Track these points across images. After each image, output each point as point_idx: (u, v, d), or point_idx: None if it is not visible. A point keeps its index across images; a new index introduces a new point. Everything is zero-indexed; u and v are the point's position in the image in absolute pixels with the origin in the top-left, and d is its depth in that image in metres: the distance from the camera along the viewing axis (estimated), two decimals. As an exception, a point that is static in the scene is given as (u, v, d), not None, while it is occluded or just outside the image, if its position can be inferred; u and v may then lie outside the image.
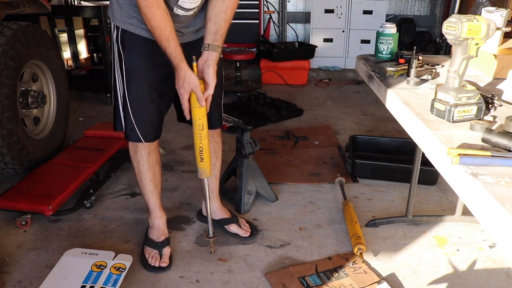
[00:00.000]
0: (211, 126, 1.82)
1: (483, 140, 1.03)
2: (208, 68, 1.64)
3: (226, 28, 1.65)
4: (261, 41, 4.95)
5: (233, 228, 2.06)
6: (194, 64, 1.62)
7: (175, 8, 1.60)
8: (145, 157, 1.82)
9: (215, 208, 2.08)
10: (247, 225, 2.09)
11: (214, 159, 1.99)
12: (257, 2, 5.10)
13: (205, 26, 1.66)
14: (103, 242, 2.01)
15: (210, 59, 1.64)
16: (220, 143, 2.02)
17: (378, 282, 1.73)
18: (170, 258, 1.87)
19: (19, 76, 2.45)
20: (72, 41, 4.32)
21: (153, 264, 1.83)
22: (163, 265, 1.82)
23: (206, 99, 1.63)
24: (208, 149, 1.74)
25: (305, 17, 5.51)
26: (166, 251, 1.88)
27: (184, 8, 1.62)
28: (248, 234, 2.04)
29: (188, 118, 1.67)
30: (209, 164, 1.77)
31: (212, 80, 1.65)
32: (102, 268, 1.74)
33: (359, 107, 4.03)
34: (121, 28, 1.64)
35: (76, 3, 4.38)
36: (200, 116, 1.66)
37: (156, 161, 1.87)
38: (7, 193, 2.17)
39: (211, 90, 1.65)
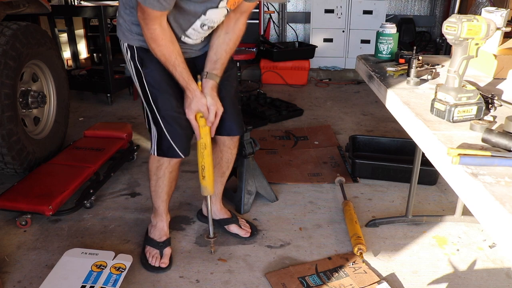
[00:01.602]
0: (230, 131, 1.82)
1: (483, 140, 1.03)
2: (207, 97, 1.67)
3: (226, 58, 1.70)
4: (261, 41, 4.95)
5: (233, 228, 2.05)
6: (199, 83, 1.65)
7: (183, 37, 1.62)
8: (167, 175, 1.80)
9: (216, 209, 2.08)
10: (247, 225, 2.09)
11: (225, 168, 1.99)
12: (257, 2, 5.10)
13: (207, 53, 1.70)
14: (103, 242, 2.01)
15: (206, 87, 1.67)
16: (234, 155, 1.98)
17: (378, 282, 1.73)
18: (170, 258, 1.87)
19: (19, 76, 2.45)
20: (72, 41, 4.33)
21: (153, 264, 1.82)
22: (163, 265, 1.82)
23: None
24: (210, 167, 1.75)
25: (305, 17, 5.51)
26: (167, 251, 1.88)
27: (192, 39, 1.65)
28: (248, 234, 2.04)
29: (199, 139, 1.70)
30: (212, 181, 1.79)
31: (213, 107, 1.68)
32: (102, 268, 1.74)
33: (359, 107, 4.03)
34: (135, 46, 1.63)
35: (76, 3, 4.38)
36: (203, 135, 1.69)
37: (175, 177, 1.86)
38: (7, 193, 2.17)
39: (211, 117, 1.69)
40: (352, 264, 1.84)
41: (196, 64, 1.73)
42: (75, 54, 4.38)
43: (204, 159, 1.72)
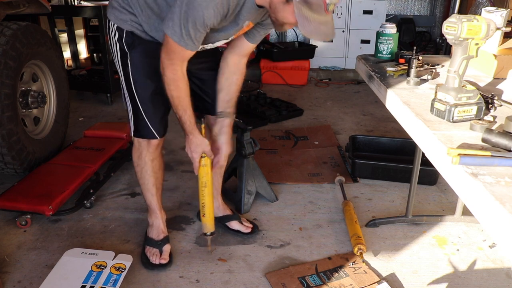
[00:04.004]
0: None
1: (483, 140, 1.03)
2: (223, 135, 1.80)
3: (237, 96, 1.84)
4: (261, 41, 4.94)
5: (234, 224, 2.06)
6: (203, 126, 1.71)
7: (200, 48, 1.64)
8: (148, 163, 1.82)
9: (216, 206, 2.08)
10: (248, 222, 2.10)
11: (223, 161, 1.99)
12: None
13: (218, 95, 1.82)
14: (103, 242, 2.01)
15: (224, 126, 1.82)
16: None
17: (378, 282, 1.73)
18: (170, 255, 1.88)
19: (19, 76, 2.44)
20: (72, 41, 4.32)
21: (153, 262, 1.83)
22: (163, 261, 1.83)
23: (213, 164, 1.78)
24: (211, 205, 1.81)
25: (305, 17, 5.50)
26: (166, 248, 1.88)
27: (206, 48, 1.68)
28: (249, 230, 2.04)
29: (196, 173, 1.76)
30: (212, 219, 1.84)
31: (225, 147, 1.82)
32: (102, 268, 1.74)
33: (359, 107, 4.03)
34: (125, 30, 1.62)
35: (76, 3, 4.38)
36: (204, 174, 1.75)
37: (159, 166, 1.87)
38: (7, 193, 2.17)
39: (222, 161, 1.83)
40: (352, 264, 1.84)
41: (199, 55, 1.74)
42: (75, 54, 4.37)
43: (205, 198, 1.78)
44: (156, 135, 1.74)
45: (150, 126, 1.72)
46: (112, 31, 1.66)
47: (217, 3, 1.36)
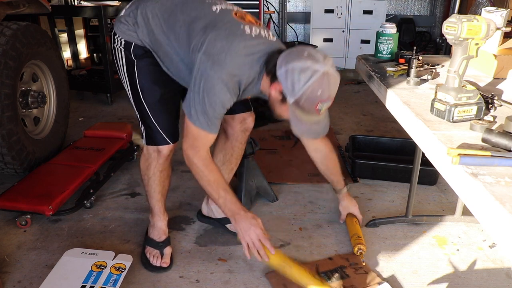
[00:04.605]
0: (237, 109, 1.91)
1: (483, 140, 1.03)
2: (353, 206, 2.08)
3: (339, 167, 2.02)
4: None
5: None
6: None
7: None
8: (157, 174, 1.80)
9: (217, 207, 2.08)
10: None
11: (234, 165, 2.02)
12: (257, 2, 5.09)
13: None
14: (103, 242, 2.01)
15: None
16: (243, 151, 2.04)
17: (379, 283, 1.73)
18: (171, 258, 1.87)
19: (19, 76, 2.45)
20: (72, 41, 4.32)
21: (154, 264, 1.82)
22: (164, 265, 1.82)
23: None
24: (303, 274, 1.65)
25: (305, 17, 5.51)
26: (167, 250, 1.88)
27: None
28: None
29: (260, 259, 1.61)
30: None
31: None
32: (102, 268, 1.74)
33: (359, 107, 4.03)
34: (134, 43, 1.62)
35: (76, 3, 4.38)
36: (280, 261, 1.61)
37: (167, 176, 1.85)
38: (7, 193, 2.17)
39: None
40: (353, 265, 1.84)
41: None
42: (75, 54, 4.37)
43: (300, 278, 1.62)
44: (168, 140, 1.72)
45: (161, 132, 1.70)
46: (117, 44, 1.66)
47: (230, 87, 1.45)
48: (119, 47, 1.65)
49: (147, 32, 1.60)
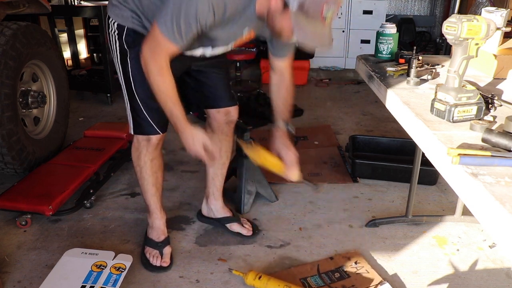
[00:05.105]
0: (222, 103, 1.87)
1: (483, 140, 1.03)
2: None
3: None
4: (261, 41, 4.94)
5: (235, 227, 2.06)
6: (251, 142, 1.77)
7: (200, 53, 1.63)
8: (148, 163, 1.79)
9: (218, 207, 2.09)
10: (249, 223, 2.09)
11: (225, 159, 2.01)
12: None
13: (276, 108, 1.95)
14: (103, 242, 2.01)
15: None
16: (232, 143, 2.02)
17: (380, 283, 1.73)
18: (171, 257, 1.87)
19: (19, 76, 2.45)
20: (72, 41, 4.32)
21: (154, 264, 1.82)
22: (164, 265, 1.82)
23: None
24: (270, 159, 1.79)
25: (305, 17, 5.50)
26: (167, 250, 1.88)
27: (206, 55, 1.67)
28: (250, 233, 2.04)
29: (209, 162, 1.71)
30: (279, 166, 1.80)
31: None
32: (102, 268, 1.74)
33: (359, 107, 4.03)
34: (127, 27, 1.61)
35: (76, 3, 4.38)
36: (256, 155, 1.76)
37: (159, 166, 1.85)
38: (7, 193, 2.17)
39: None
40: (354, 264, 1.84)
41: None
42: (75, 54, 4.37)
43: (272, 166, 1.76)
44: (158, 130, 1.71)
45: (151, 121, 1.69)
46: (112, 29, 1.65)
47: (214, 2, 1.34)
48: (113, 33, 1.64)
49: None
